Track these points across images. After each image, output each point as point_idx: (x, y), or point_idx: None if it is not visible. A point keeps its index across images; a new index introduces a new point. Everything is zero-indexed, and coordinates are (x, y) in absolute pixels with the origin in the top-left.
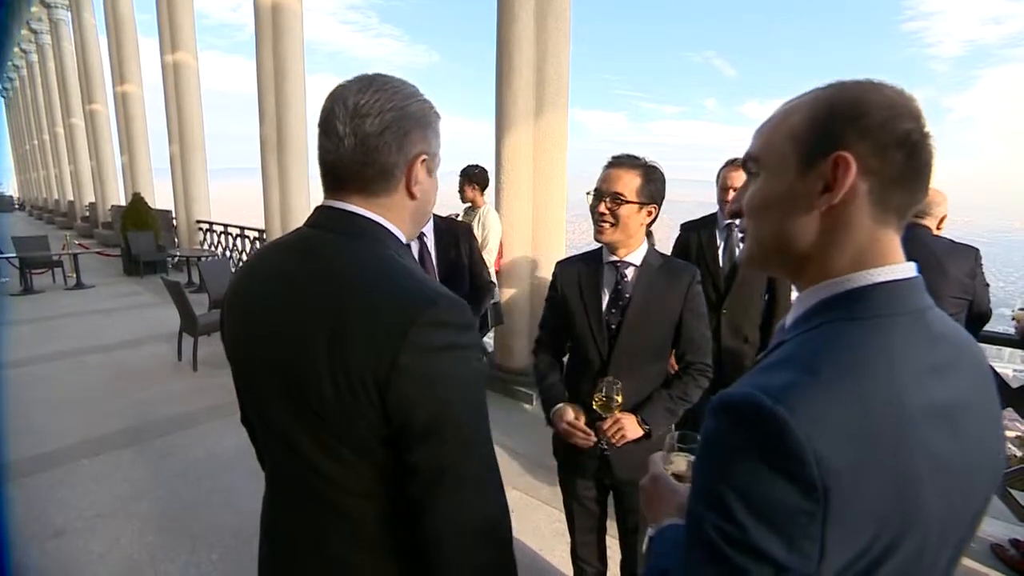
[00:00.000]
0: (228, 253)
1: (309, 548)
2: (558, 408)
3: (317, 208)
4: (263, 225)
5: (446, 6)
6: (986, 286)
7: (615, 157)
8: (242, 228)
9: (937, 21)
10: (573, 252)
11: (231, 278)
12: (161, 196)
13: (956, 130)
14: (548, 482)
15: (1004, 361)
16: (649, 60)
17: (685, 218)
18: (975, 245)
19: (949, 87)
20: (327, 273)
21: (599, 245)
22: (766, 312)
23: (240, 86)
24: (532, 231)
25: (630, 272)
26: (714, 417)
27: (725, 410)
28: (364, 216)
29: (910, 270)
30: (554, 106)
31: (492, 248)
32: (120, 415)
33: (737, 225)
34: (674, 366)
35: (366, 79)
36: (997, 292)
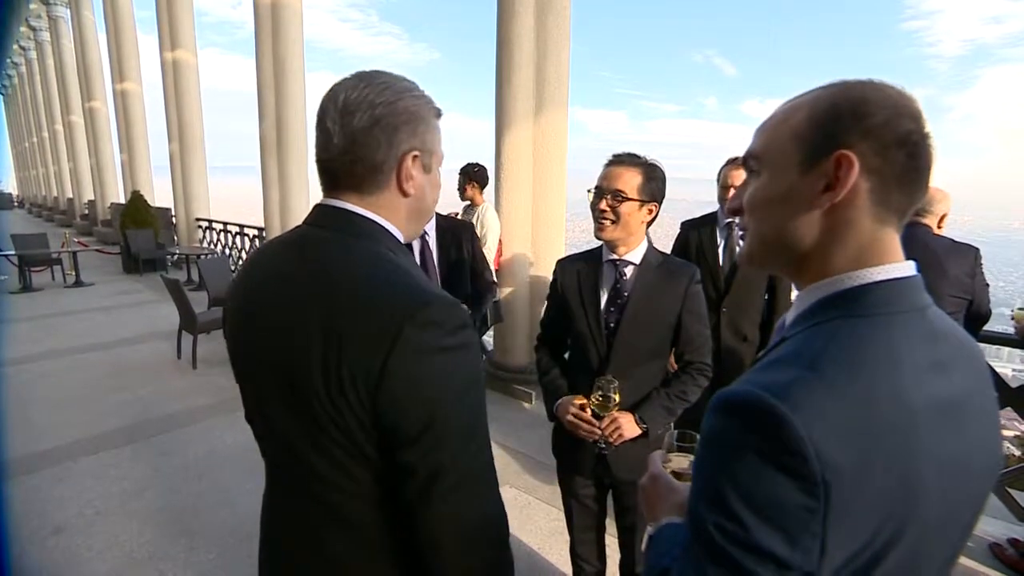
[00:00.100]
0: (227, 251)
1: (309, 550)
2: (562, 400)
3: (315, 206)
4: (262, 223)
5: (446, 4)
6: (986, 286)
7: (616, 155)
8: (241, 226)
9: (937, 20)
10: (572, 250)
11: (233, 277)
12: (160, 194)
13: (956, 128)
14: (547, 481)
15: (1003, 360)
16: (650, 59)
17: (685, 217)
18: (975, 244)
19: (949, 86)
20: (323, 272)
21: (599, 243)
22: (766, 311)
23: (240, 84)
24: (532, 229)
25: (629, 271)
26: (715, 415)
27: (726, 408)
28: (359, 214)
29: (910, 269)
30: (554, 104)
31: (491, 246)
32: (119, 413)
33: (737, 223)
34: (673, 365)
35: (362, 76)
36: (997, 292)
